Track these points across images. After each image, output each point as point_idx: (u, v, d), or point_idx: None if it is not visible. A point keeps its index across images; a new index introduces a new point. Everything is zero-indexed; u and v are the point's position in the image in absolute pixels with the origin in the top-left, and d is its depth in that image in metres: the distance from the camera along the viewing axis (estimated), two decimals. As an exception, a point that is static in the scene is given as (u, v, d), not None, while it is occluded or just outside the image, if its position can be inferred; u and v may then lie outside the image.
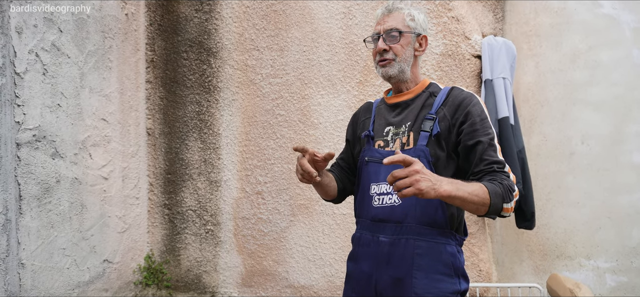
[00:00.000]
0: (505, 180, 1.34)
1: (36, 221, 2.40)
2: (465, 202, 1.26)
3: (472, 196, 1.25)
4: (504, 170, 1.38)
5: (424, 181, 1.17)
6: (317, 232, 2.99)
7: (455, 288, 1.44)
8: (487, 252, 2.80)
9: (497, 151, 1.41)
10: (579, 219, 2.70)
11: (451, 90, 1.51)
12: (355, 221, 1.61)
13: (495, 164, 1.37)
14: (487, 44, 2.70)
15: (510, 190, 1.33)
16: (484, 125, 1.42)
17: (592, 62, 2.68)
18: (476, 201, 1.26)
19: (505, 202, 1.31)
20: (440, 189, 1.20)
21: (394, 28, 1.49)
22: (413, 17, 1.52)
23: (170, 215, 3.25)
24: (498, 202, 1.29)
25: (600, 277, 2.65)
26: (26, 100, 2.34)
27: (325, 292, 2.99)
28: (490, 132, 1.42)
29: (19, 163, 2.31)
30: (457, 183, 1.25)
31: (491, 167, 1.37)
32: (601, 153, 2.66)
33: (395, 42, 1.49)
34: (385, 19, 1.51)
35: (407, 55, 1.51)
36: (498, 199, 1.29)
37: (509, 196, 1.32)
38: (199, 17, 3.15)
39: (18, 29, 2.28)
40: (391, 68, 1.50)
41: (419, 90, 1.54)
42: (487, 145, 1.39)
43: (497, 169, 1.36)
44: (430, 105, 1.49)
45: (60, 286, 2.56)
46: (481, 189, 1.28)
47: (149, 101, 3.27)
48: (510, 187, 1.33)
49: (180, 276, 3.23)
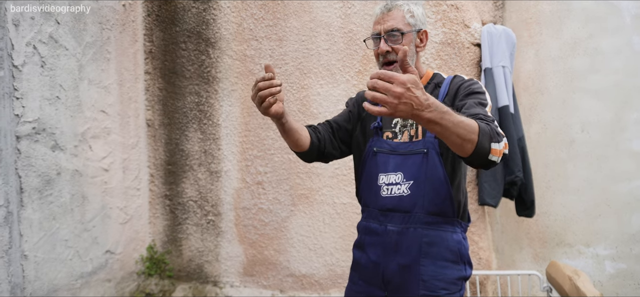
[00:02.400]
0: (493, 123, 1.23)
1: (38, 213, 2.42)
2: (449, 132, 1.10)
3: (457, 126, 1.11)
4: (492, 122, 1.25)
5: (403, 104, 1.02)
6: (317, 222, 3.00)
7: (461, 274, 1.48)
8: (486, 240, 2.81)
9: (487, 110, 1.31)
10: (579, 206, 2.71)
11: (453, 79, 1.51)
12: (361, 209, 1.62)
13: (482, 115, 1.26)
14: (487, 32, 2.68)
15: (497, 133, 1.20)
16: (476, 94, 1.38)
17: (593, 49, 2.67)
18: (461, 133, 1.12)
19: (492, 140, 1.17)
20: (422, 115, 1.05)
21: (395, 28, 1.47)
22: (413, 13, 1.50)
23: (172, 206, 3.26)
24: (485, 140, 1.16)
25: (600, 264, 2.66)
26: (25, 93, 2.34)
27: (326, 281, 3.01)
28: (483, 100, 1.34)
29: (19, 156, 2.32)
30: (443, 110, 1.09)
31: (477, 116, 1.25)
32: (601, 141, 2.66)
33: (397, 43, 1.47)
34: (385, 18, 1.48)
35: (410, 54, 1.50)
36: (485, 137, 1.16)
37: (497, 137, 1.19)
38: (197, 7, 3.13)
39: (15, 21, 2.27)
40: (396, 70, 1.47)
41: (424, 83, 1.55)
42: (474, 104, 1.32)
43: (483, 118, 1.24)
44: (436, 97, 1.49)
45: (63, 277, 2.58)
46: (470, 121, 1.15)
47: (148, 92, 3.26)
48: (497, 130, 1.21)
49: (182, 266, 3.25)
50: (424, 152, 1.45)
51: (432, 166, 1.43)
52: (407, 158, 1.47)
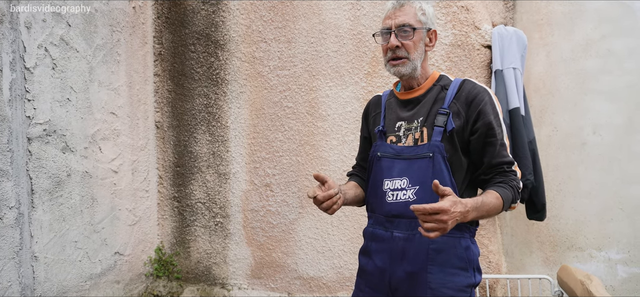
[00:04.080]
0: (514, 181, 1.44)
1: (48, 214, 2.43)
2: (484, 218, 1.40)
3: (490, 213, 1.38)
4: (513, 168, 1.46)
5: (451, 222, 1.23)
6: (325, 224, 2.99)
7: (470, 281, 1.45)
8: (496, 244, 2.78)
9: (507, 148, 1.47)
10: (591, 210, 2.67)
11: (463, 84, 1.49)
12: (368, 215, 1.60)
13: (506, 164, 1.45)
14: (498, 34, 2.66)
15: (518, 190, 1.45)
16: (496, 124, 1.45)
17: (605, 50, 2.64)
18: (493, 214, 1.41)
19: (513, 202, 1.44)
20: (467, 219, 1.30)
21: (406, 23, 1.46)
22: (424, 11, 1.49)
23: (180, 208, 3.27)
24: (507, 206, 1.42)
25: (612, 268, 2.62)
26: (36, 95, 2.35)
27: (334, 284, 3.00)
28: (502, 131, 1.47)
29: (30, 157, 2.33)
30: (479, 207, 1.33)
31: (502, 168, 1.45)
32: (613, 143, 2.62)
33: (408, 39, 1.46)
34: (397, 13, 1.48)
35: (419, 52, 1.49)
36: (508, 204, 1.42)
37: (517, 195, 1.44)
38: (206, 10, 3.14)
39: (27, 24, 2.29)
40: (404, 67, 1.48)
41: (430, 84, 1.53)
42: (499, 146, 1.44)
43: (506, 170, 1.45)
44: (442, 100, 1.48)
45: (73, 278, 2.59)
46: (497, 201, 1.38)
47: (157, 94, 3.28)
48: (518, 188, 1.45)
49: (190, 268, 3.26)
50: (429, 156, 1.43)
51: (438, 170, 1.41)
52: (412, 163, 1.45)
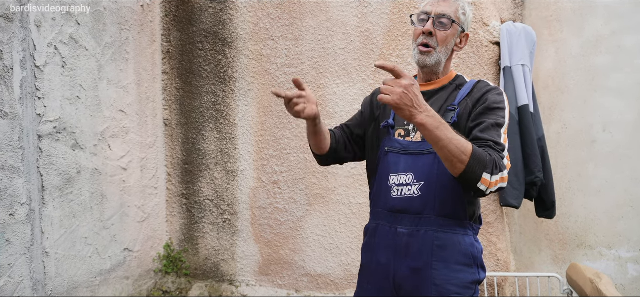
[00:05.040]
0: (496, 155, 1.27)
1: (59, 211, 2.46)
2: (440, 144, 1.20)
3: (449, 142, 1.19)
4: (500, 151, 1.30)
5: (405, 97, 1.17)
6: (333, 222, 3.00)
7: (474, 278, 1.45)
8: (505, 242, 2.77)
9: (501, 135, 1.35)
10: (600, 208, 2.65)
11: (477, 83, 1.48)
12: (371, 211, 1.59)
13: (493, 142, 1.31)
14: (506, 30, 2.65)
15: (497, 166, 1.25)
16: (496, 111, 1.38)
17: (615, 47, 2.61)
18: (453, 150, 1.20)
19: (486, 170, 1.22)
20: (417, 116, 1.18)
21: (447, 14, 1.45)
22: (465, 12, 1.49)
23: (188, 205, 3.29)
24: (477, 166, 1.21)
25: (622, 267, 2.60)
26: (46, 93, 2.38)
27: (342, 281, 3.00)
28: (500, 120, 1.36)
29: (41, 155, 2.36)
30: (440, 122, 1.20)
31: (487, 143, 1.30)
32: (624, 141, 2.60)
33: (444, 30, 1.45)
34: (441, 3, 1.46)
35: (448, 47, 1.48)
36: (478, 164, 1.21)
37: (493, 169, 1.24)
38: (214, 8, 3.15)
39: (37, 22, 2.31)
40: (429, 57, 1.46)
41: (446, 81, 1.52)
42: (490, 125, 1.34)
43: (492, 146, 1.30)
44: (454, 98, 1.47)
45: (83, 274, 2.62)
46: (465, 142, 1.22)
47: (165, 92, 3.30)
48: (498, 163, 1.25)
49: (198, 265, 3.28)
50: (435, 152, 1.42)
51: (443, 166, 1.38)
52: (418, 158, 1.44)
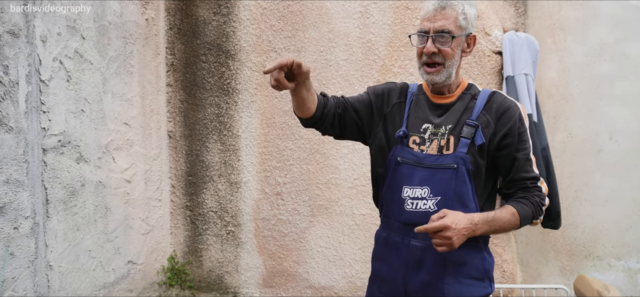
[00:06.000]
0: (537, 196, 1.42)
1: (62, 224, 2.47)
2: (497, 232, 1.42)
3: (504, 228, 1.39)
4: (537, 185, 1.44)
5: (461, 238, 1.28)
6: (337, 233, 2.98)
7: (485, 292, 1.45)
8: (511, 253, 2.74)
9: (533, 164, 1.45)
10: (608, 217, 2.61)
11: (493, 95, 1.45)
12: (381, 220, 1.56)
13: (529, 180, 1.43)
14: (508, 40, 2.63)
15: (541, 205, 1.43)
16: (523, 138, 1.43)
17: (620, 55, 2.59)
18: (507, 229, 1.41)
19: (534, 218, 1.43)
20: (477, 233, 1.34)
21: (445, 30, 1.38)
22: (466, 16, 1.40)
23: (192, 216, 3.30)
24: (527, 221, 1.41)
25: (632, 278, 2.55)
26: (51, 107, 2.40)
27: (346, 293, 2.98)
28: (528, 146, 1.45)
29: (45, 168, 2.38)
30: (490, 221, 1.36)
31: (525, 184, 1.43)
32: (630, 149, 2.56)
33: (446, 46, 1.39)
34: (437, 17, 1.38)
35: (455, 59, 1.42)
36: (527, 220, 1.41)
37: (539, 212, 1.43)
38: (217, 20, 3.18)
39: (43, 37, 2.35)
40: (438, 76, 1.41)
41: (460, 91, 1.48)
42: (523, 161, 1.42)
43: (530, 185, 1.43)
44: (471, 110, 1.43)
45: (87, 287, 2.62)
46: (513, 217, 1.39)
47: (169, 104, 3.32)
48: (540, 203, 1.43)
49: (202, 277, 3.27)
50: (453, 167, 1.39)
51: (461, 182, 1.37)
52: (434, 172, 1.40)
